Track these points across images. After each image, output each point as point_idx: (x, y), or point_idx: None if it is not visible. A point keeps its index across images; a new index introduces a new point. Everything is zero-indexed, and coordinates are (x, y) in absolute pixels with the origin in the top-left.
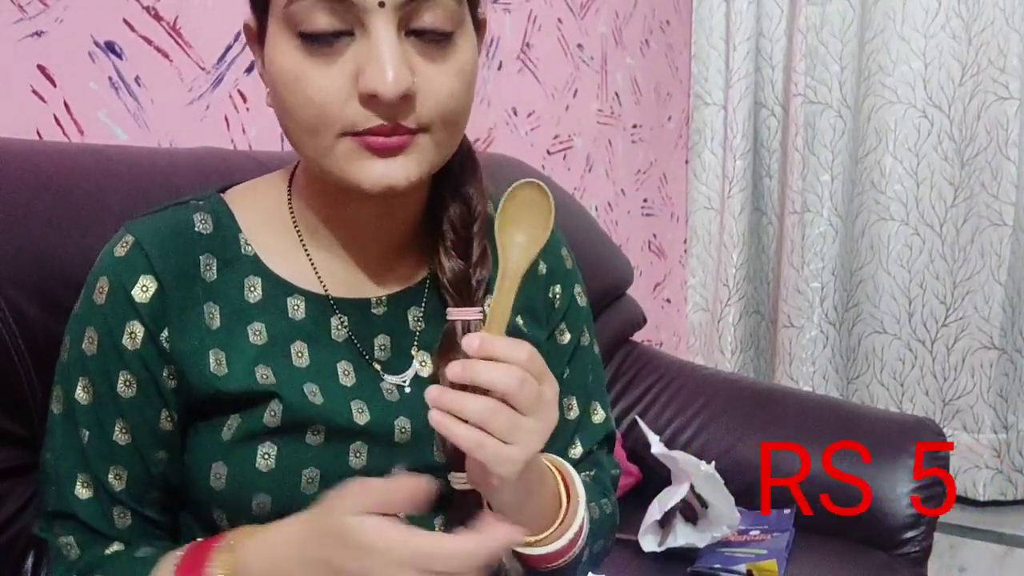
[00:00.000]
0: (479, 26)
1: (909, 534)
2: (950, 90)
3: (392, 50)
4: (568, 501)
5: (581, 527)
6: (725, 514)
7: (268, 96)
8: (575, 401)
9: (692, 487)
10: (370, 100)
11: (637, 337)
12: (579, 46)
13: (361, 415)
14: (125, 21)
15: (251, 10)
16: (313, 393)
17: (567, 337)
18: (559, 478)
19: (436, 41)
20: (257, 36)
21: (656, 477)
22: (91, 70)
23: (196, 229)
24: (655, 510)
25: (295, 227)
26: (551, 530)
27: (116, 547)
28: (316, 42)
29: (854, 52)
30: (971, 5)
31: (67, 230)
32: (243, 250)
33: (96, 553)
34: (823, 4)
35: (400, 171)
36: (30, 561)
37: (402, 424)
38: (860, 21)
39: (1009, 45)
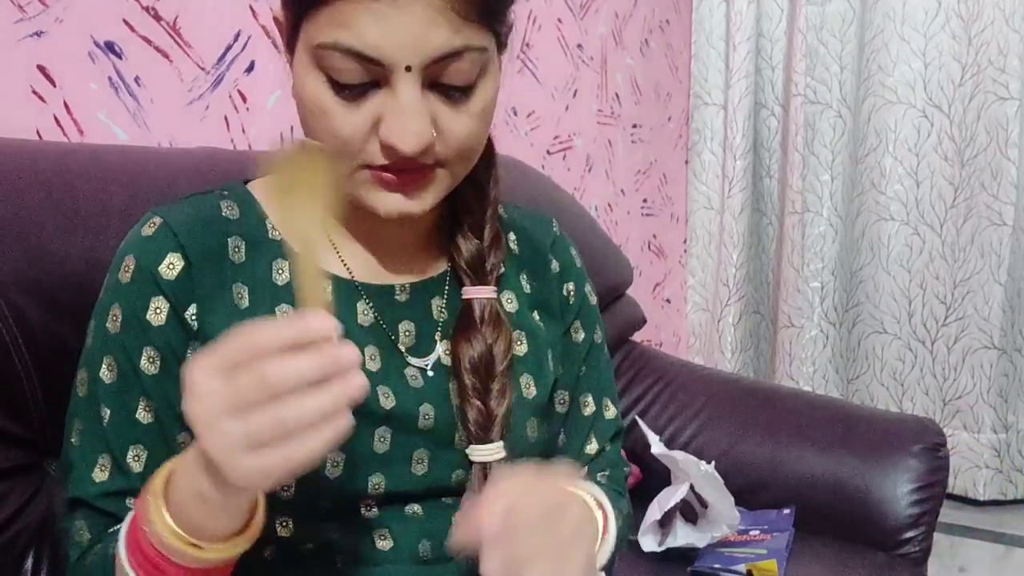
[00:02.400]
0: (505, 39)
1: (909, 534)
2: (950, 90)
3: (415, 110)
4: (604, 531)
5: (612, 557)
6: (725, 514)
7: (293, 88)
8: (591, 398)
9: (692, 487)
10: (390, 149)
11: (637, 337)
12: (579, 46)
13: (387, 400)
14: (125, 21)
15: (283, 8)
16: None
17: (581, 335)
18: (598, 514)
19: (459, 91)
20: (288, 35)
21: (656, 477)
22: (91, 70)
23: (223, 214)
24: (655, 510)
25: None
26: None
27: None
28: (343, 86)
29: (854, 52)
30: (971, 5)
31: (67, 230)
32: (270, 235)
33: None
34: (823, 4)
35: (416, 204)
36: (30, 561)
37: (426, 410)
38: (860, 21)
39: (1009, 45)
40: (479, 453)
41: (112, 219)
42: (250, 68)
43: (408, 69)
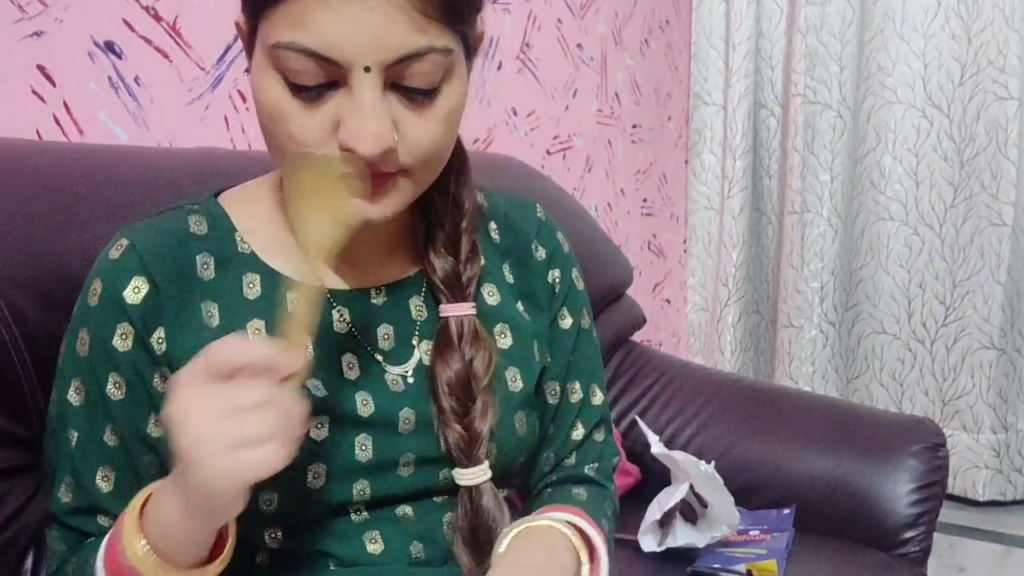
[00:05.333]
0: (475, 46)
1: (909, 534)
2: (949, 90)
3: (375, 111)
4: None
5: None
6: (725, 514)
7: (253, 92)
8: (578, 384)
9: (692, 487)
10: (349, 152)
11: (637, 337)
12: (579, 46)
13: (366, 407)
14: (125, 21)
15: (242, 11)
16: (316, 387)
17: (568, 321)
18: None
19: (422, 93)
20: (247, 39)
21: (656, 477)
22: (91, 70)
23: (191, 230)
24: (655, 510)
25: (288, 225)
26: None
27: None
28: (301, 88)
29: (854, 52)
30: (970, 5)
31: (67, 230)
32: (240, 248)
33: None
34: (823, 4)
35: (378, 210)
36: (30, 561)
37: (406, 415)
38: (860, 21)
39: (1009, 45)
40: (464, 477)
41: (112, 219)
42: (250, 68)
43: (367, 70)
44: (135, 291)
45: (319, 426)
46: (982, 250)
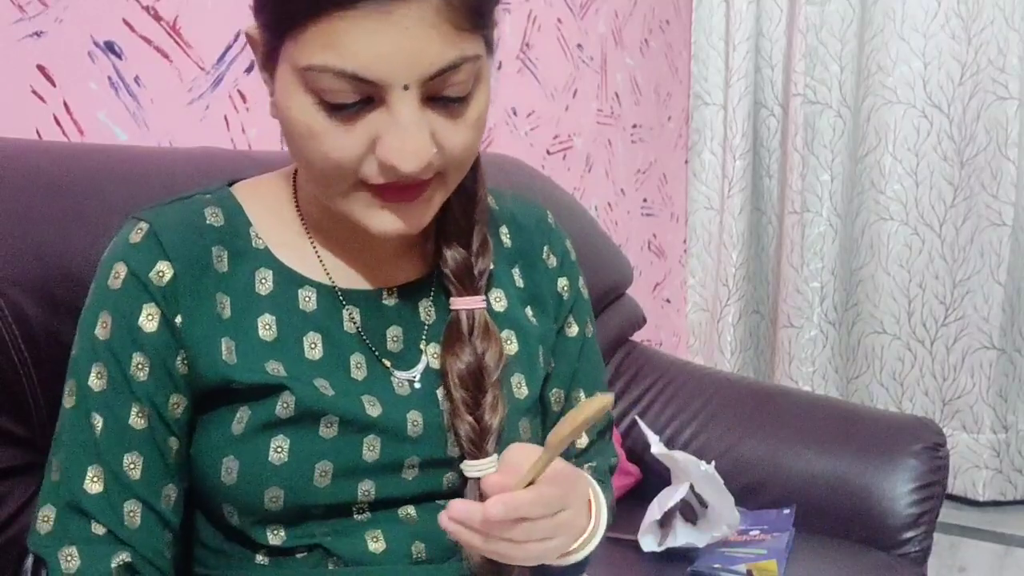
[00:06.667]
0: (495, 42)
1: (909, 534)
2: (949, 90)
3: (415, 129)
4: (594, 519)
5: (598, 537)
6: (725, 514)
7: (272, 107)
8: (583, 393)
9: (692, 487)
10: (390, 168)
11: (637, 337)
12: (579, 46)
13: (373, 408)
14: (125, 21)
15: (256, 23)
16: (324, 387)
17: (575, 330)
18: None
19: (456, 101)
20: (264, 54)
21: (656, 477)
22: (91, 70)
23: (208, 221)
24: (655, 510)
25: (302, 223)
26: (575, 544)
27: (125, 556)
28: (336, 106)
29: (854, 52)
30: (971, 5)
31: (67, 230)
32: (254, 243)
33: (98, 569)
34: (823, 4)
35: (414, 221)
36: (30, 561)
37: (414, 418)
38: (860, 21)
39: (1009, 45)
40: (473, 468)
41: (112, 219)
42: (250, 68)
43: (406, 88)
44: (159, 275)
45: (329, 424)
46: (982, 250)
